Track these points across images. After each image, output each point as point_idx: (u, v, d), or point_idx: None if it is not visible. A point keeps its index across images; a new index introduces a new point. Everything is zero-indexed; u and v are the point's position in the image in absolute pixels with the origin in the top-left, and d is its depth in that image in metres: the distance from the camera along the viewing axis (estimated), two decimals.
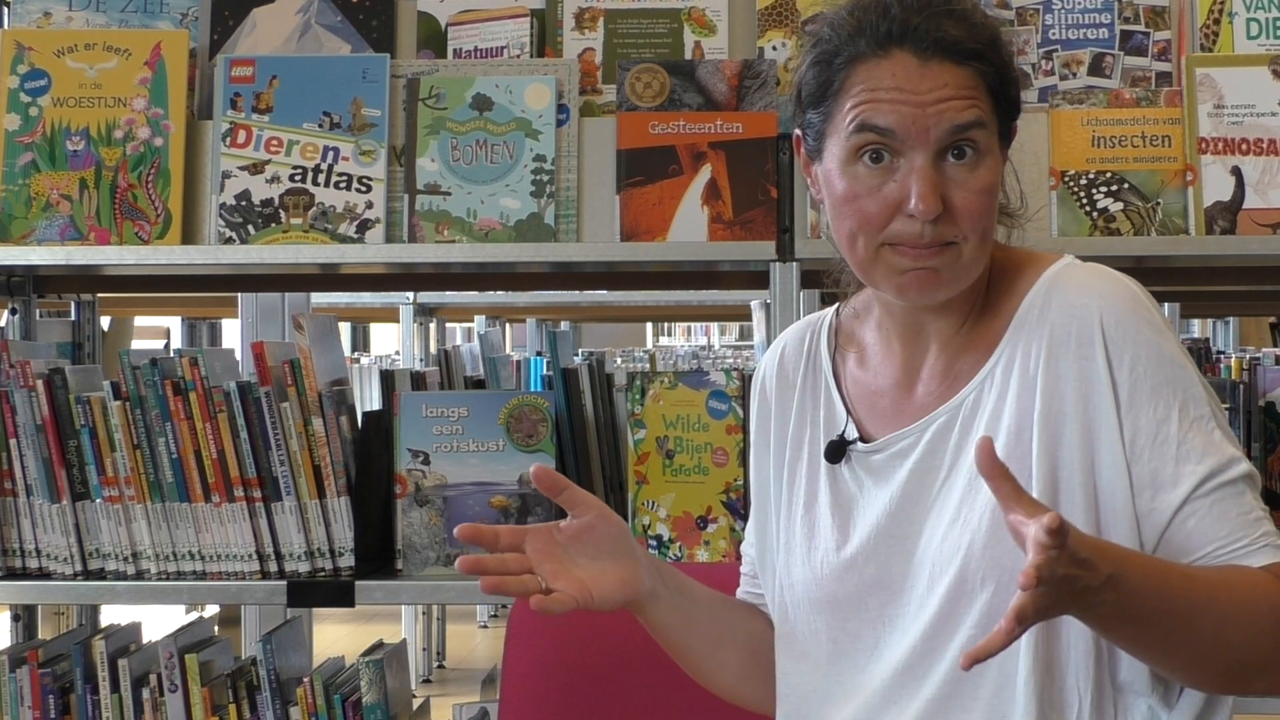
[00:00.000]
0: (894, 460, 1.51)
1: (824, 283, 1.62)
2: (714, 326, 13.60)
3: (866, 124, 1.42)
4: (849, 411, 1.57)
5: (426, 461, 2.38)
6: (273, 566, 2.37)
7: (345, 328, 10.46)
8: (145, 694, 2.42)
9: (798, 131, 1.52)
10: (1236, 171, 2.33)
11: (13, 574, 2.42)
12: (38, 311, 2.82)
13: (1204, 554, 1.41)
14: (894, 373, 1.55)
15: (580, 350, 7.09)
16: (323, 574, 2.37)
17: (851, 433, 1.55)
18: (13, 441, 2.40)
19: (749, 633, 1.66)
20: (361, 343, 12.60)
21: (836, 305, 1.64)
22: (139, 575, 2.39)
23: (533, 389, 3.15)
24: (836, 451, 1.55)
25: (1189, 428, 1.41)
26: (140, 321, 6.90)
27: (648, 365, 7.69)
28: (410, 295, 5.62)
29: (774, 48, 2.49)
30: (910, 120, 1.40)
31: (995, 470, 1.26)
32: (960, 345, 1.51)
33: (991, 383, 1.47)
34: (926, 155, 1.41)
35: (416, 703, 2.64)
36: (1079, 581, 1.25)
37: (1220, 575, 1.38)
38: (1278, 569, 1.40)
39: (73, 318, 2.95)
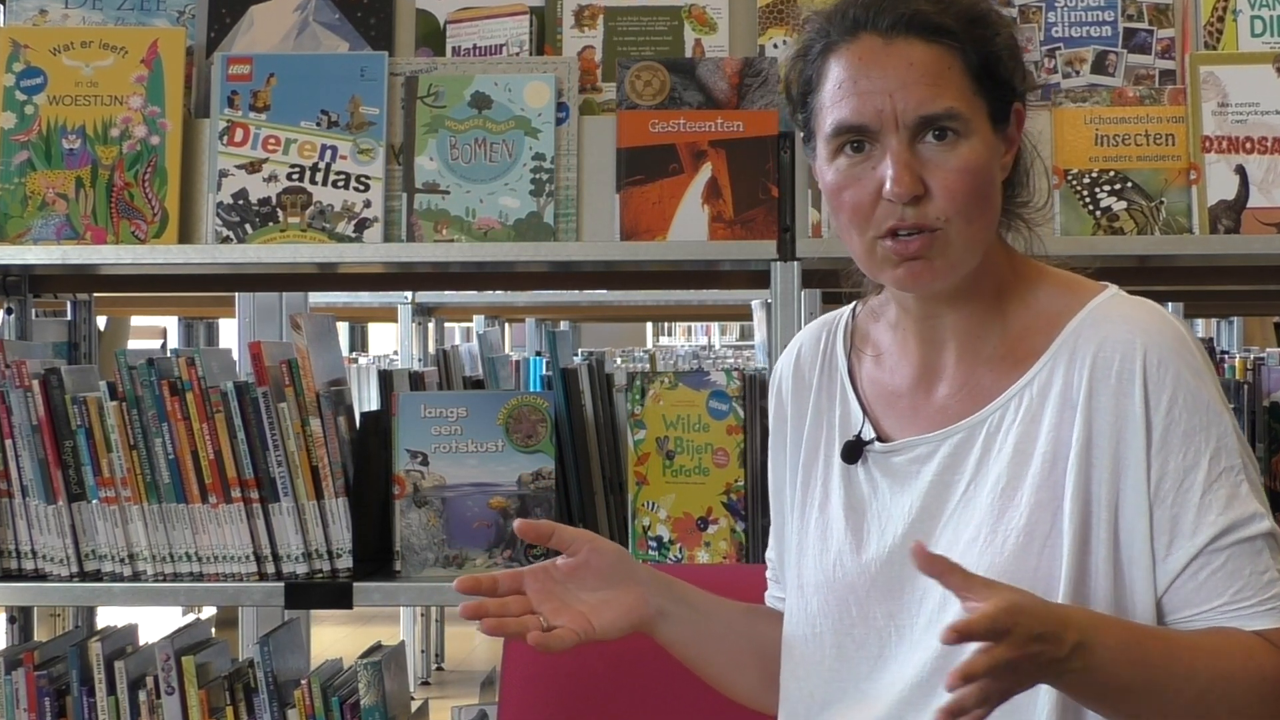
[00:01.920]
0: (913, 465, 1.49)
1: (841, 284, 1.61)
2: (714, 326, 13.59)
3: (840, 126, 1.42)
4: (865, 412, 1.55)
5: (425, 462, 2.37)
6: (270, 568, 2.35)
7: (343, 327, 10.45)
8: (142, 696, 2.40)
9: (800, 132, 1.53)
10: (1241, 170, 2.31)
11: (9, 575, 2.41)
12: (33, 311, 2.81)
13: (1209, 609, 1.39)
14: (911, 372, 1.53)
15: (580, 350, 7.07)
16: (320, 575, 2.35)
17: (868, 433, 1.54)
18: (8, 442, 2.38)
19: (770, 640, 1.63)
20: (360, 342, 12.58)
21: (853, 305, 1.63)
22: (135, 577, 2.38)
23: (532, 389, 3.14)
24: (853, 452, 1.54)
25: (1216, 478, 1.39)
26: (137, 321, 6.89)
27: (648, 365, 7.68)
28: (409, 295, 5.61)
29: (775, 45, 2.47)
30: (878, 109, 1.40)
31: (937, 568, 1.26)
32: (981, 352, 1.49)
33: (1021, 402, 1.45)
34: (899, 139, 1.40)
35: (415, 705, 2.62)
36: (1041, 656, 1.25)
37: (1208, 641, 1.37)
38: (1277, 635, 1.38)
39: (69, 317, 2.94)
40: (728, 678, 1.64)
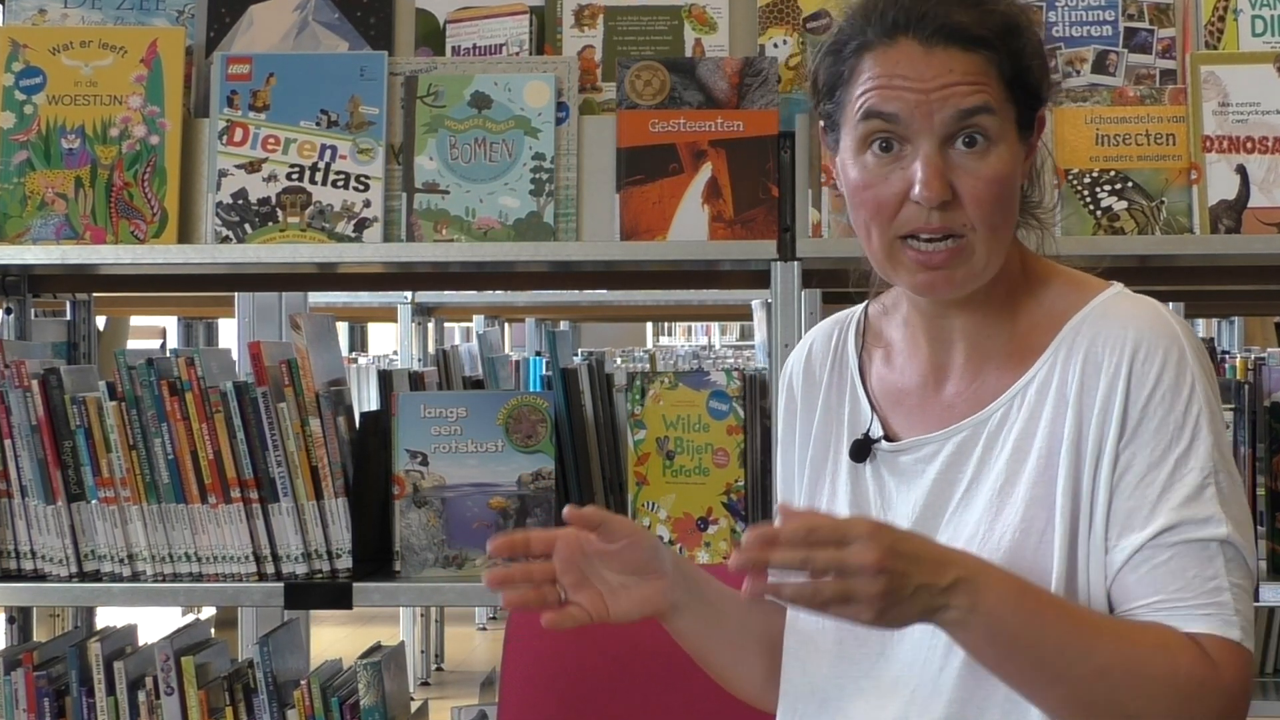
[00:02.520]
0: (919, 464, 1.49)
1: (849, 280, 1.60)
2: (714, 326, 13.59)
3: (872, 111, 1.41)
4: (874, 410, 1.55)
5: (425, 462, 2.37)
6: (270, 568, 2.35)
7: (343, 327, 10.44)
8: (141, 697, 2.40)
9: (822, 123, 1.52)
10: (1241, 170, 2.31)
11: (8, 576, 2.40)
12: (33, 311, 2.80)
13: (1146, 604, 1.37)
14: (920, 371, 1.53)
15: (580, 350, 7.07)
16: (320, 576, 2.35)
17: (877, 431, 1.54)
18: (8, 442, 2.38)
19: (774, 634, 1.63)
20: (359, 342, 12.58)
21: (865, 302, 1.63)
22: (135, 577, 2.37)
23: (532, 389, 3.14)
24: (861, 450, 1.54)
25: (1181, 478, 1.38)
26: (136, 321, 6.89)
27: (648, 365, 7.68)
28: (408, 295, 5.61)
29: (775, 45, 2.47)
30: (914, 106, 1.39)
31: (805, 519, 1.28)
32: (989, 349, 1.49)
33: (1023, 400, 1.45)
34: (932, 142, 1.40)
35: (414, 705, 2.62)
36: (910, 577, 1.26)
37: (1121, 626, 1.36)
38: (1212, 643, 1.35)
39: (68, 317, 2.94)
40: (731, 671, 1.64)
